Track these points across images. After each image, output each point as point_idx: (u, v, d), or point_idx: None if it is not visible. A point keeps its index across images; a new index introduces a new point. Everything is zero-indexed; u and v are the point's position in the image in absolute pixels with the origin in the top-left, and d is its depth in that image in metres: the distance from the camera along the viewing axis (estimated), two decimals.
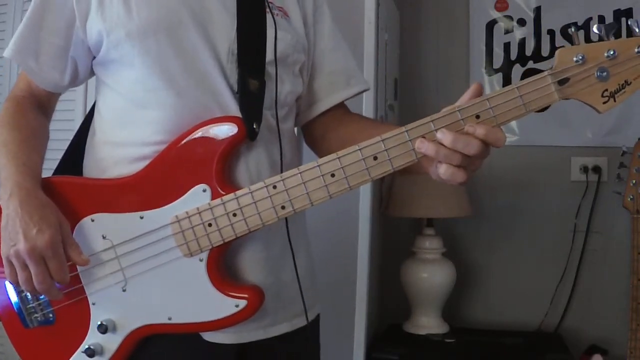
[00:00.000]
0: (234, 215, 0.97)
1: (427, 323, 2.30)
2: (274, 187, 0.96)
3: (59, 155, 1.16)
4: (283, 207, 0.96)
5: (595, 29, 0.91)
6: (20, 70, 2.50)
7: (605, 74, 0.90)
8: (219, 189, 0.98)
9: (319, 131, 1.19)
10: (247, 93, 1.02)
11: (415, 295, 2.31)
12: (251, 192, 0.96)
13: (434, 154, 0.89)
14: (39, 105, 1.12)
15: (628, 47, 0.89)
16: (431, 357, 2.17)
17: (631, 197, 2.10)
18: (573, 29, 0.92)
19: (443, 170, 0.90)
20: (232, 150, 1.00)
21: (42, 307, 1.05)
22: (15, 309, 1.06)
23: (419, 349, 2.18)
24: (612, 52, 0.89)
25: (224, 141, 0.99)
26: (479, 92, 0.92)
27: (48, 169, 1.09)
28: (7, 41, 2.40)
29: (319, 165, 0.95)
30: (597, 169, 2.41)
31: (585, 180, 2.42)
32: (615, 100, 0.90)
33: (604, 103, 0.91)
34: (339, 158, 0.94)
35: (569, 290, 2.42)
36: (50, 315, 1.05)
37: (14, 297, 1.06)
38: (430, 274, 2.30)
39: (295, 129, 1.21)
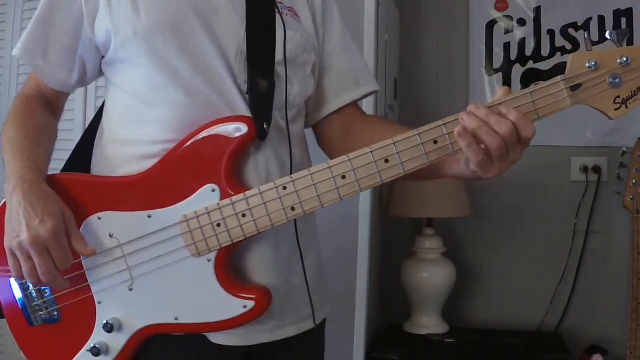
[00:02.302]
0: (244, 216, 0.97)
1: (427, 323, 2.30)
2: (284, 188, 0.96)
3: (60, 155, 1.16)
4: (293, 209, 0.96)
5: (607, 35, 0.91)
6: (20, 70, 2.51)
7: (617, 80, 0.90)
8: (228, 189, 0.98)
9: (331, 132, 1.18)
10: (257, 93, 1.02)
11: (415, 295, 2.32)
12: (261, 193, 0.96)
13: (477, 127, 0.89)
14: (47, 104, 1.13)
15: None
16: (431, 357, 2.18)
17: (631, 197, 2.10)
18: (586, 35, 0.92)
19: (477, 157, 0.90)
20: (242, 150, 1.00)
21: (47, 305, 1.05)
22: (20, 306, 1.06)
23: (419, 349, 2.18)
24: (625, 59, 0.89)
25: (234, 141, 0.99)
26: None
27: (54, 169, 1.09)
28: (7, 41, 2.42)
29: (329, 167, 0.95)
30: (597, 169, 2.41)
31: (585, 180, 2.42)
32: (627, 107, 0.91)
33: (616, 110, 0.91)
34: (350, 160, 0.94)
35: (569, 290, 2.42)
36: (55, 313, 1.05)
37: (18, 295, 1.06)
38: (430, 274, 2.30)
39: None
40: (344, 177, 0.94)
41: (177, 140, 1.01)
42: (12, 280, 1.06)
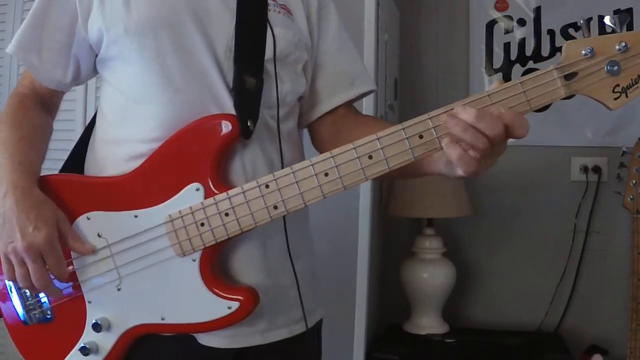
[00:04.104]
0: (226, 215, 0.95)
1: (427, 323, 2.30)
2: (267, 186, 0.94)
3: (60, 155, 1.17)
4: (275, 207, 0.94)
5: (607, 20, 0.85)
6: (20, 70, 2.51)
7: (616, 68, 0.84)
8: (212, 188, 0.97)
9: (325, 133, 1.17)
10: (243, 90, 1.01)
11: (415, 295, 2.32)
12: (244, 192, 0.95)
13: (461, 132, 0.84)
14: (42, 103, 1.13)
15: None
16: (431, 357, 2.18)
17: (631, 197, 2.10)
18: (582, 21, 0.87)
19: (457, 154, 0.85)
20: (225, 148, 0.99)
21: (40, 304, 1.05)
22: (15, 306, 1.07)
23: (419, 349, 2.18)
24: (623, 45, 0.84)
25: (218, 139, 0.98)
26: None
27: (53, 169, 1.10)
28: (7, 41, 2.42)
29: (312, 165, 0.93)
30: (597, 169, 2.41)
31: (585, 180, 2.42)
32: (627, 96, 0.85)
33: (615, 99, 0.85)
34: (332, 157, 0.92)
35: (569, 290, 2.42)
36: (48, 312, 1.05)
37: (14, 295, 1.07)
38: (430, 274, 2.30)
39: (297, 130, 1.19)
40: (326, 175, 0.92)
41: (165, 138, 1.00)
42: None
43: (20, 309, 1.06)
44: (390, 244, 2.54)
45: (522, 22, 2.51)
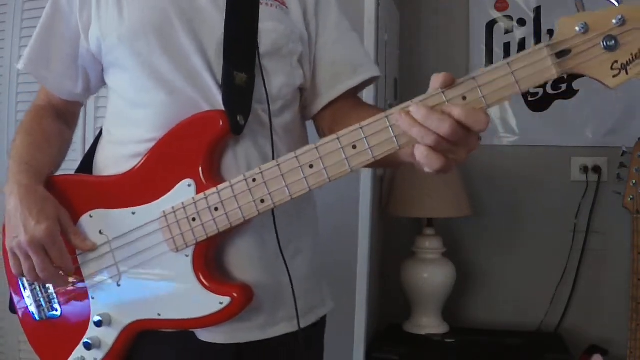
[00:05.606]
0: (216, 209, 0.96)
1: (427, 323, 2.30)
2: (254, 180, 0.94)
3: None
4: (262, 201, 0.94)
5: None
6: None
7: (613, 42, 0.78)
8: (204, 184, 0.98)
9: (324, 126, 1.16)
10: (232, 86, 1.02)
11: (415, 295, 2.32)
12: (232, 186, 0.95)
13: (408, 129, 0.82)
14: (58, 114, 1.18)
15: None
16: (431, 357, 2.17)
17: (631, 197, 2.10)
18: None
19: (419, 152, 0.82)
20: (216, 144, 1.00)
21: (49, 300, 1.09)
22: (27, 301, 1.11)
23: (419, 349, 2.18)
24: (620, 18, 0.77)
25: (207, 135, 0.99)
26: (449, 82, 0.83)
27: (68, 169, 1.15)
28: (7, 41, 2.42)
29: (296, 157, 0.91)
30: (597, 169, 2.41)
31: (585, 180, 2.42)
32: (627, 73, 0.79)
33: (614, 77, 0.79)
34: (316, 148, 0.90)
35: (569, 290, 2.42)
36: (56, 308, 1.08)
37: (26, 291, 1.11)
38: (430, 274, 2.30)
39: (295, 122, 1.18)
40: (311, 167, 0.90)
41: None
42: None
43: (31, 305, 1.10)
44: (390, 244, 2.54)
45: (522, 22, 2.50)
